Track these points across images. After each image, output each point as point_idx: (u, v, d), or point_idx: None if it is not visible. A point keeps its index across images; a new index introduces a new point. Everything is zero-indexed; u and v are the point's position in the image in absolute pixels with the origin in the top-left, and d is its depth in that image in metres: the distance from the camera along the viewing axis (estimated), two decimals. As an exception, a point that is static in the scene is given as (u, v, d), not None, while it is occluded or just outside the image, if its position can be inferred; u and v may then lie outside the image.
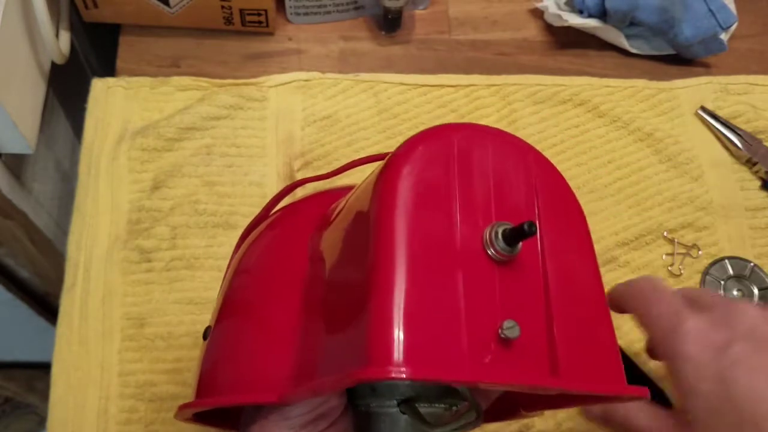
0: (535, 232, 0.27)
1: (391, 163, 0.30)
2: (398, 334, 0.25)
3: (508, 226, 0.28)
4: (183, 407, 0.36)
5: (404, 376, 0.24)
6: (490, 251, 0.28)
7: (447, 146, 0.30)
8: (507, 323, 0.27)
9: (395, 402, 0.33)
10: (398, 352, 0.25)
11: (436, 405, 0.33)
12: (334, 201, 0.38)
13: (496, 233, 0.28)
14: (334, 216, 0.36)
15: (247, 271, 0.39)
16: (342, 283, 0.31)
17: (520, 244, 0.29)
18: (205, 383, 0.36)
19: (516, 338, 0.27)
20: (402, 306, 0.26)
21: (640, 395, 0.30)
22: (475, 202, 0.29)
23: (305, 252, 0.36)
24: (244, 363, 0.35)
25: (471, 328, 0.27)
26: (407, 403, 0.33)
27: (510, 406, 0.40)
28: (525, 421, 0.54)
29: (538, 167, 0.32)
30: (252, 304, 0.37)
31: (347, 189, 0.40)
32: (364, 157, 0.46)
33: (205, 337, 0.38)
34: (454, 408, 0.33)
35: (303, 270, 0.35)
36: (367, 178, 0.33)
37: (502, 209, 0.30)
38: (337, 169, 0.46)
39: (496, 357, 0.26)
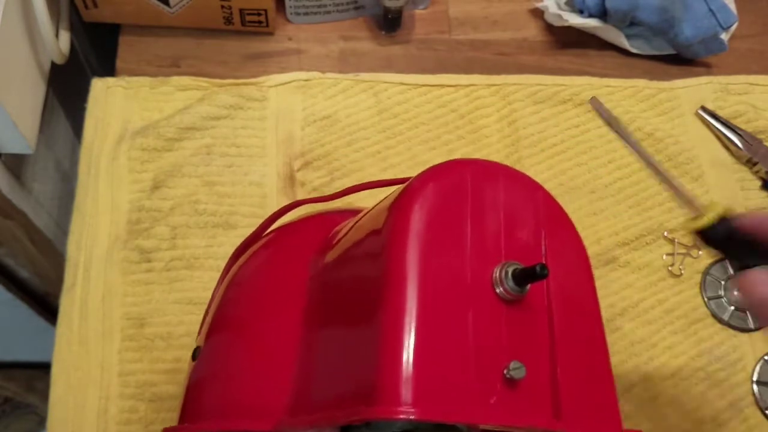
0: (547, 275, 0.27)
1: (405, 196, 0.30)
2: (407, 374, 0.25)
3: (518, 267, 0.28)
4: (169, 431, 0.35)
5: (413, 417, 0.24)
6: (499, 290, 0.28)
7: (460, 182, 0.30)
8: (513, 364, 0.27)
9: None
10: (407, 392, 0.24)
11: None
12: (335, 224, 0.38)
13: (506, 273, 0.28)
14: (337, 241, 0.35)
15: (242, 292, 0.38)
16: (347, 314, 0.31)
17: (529, 285, 0.29)
18: (193, 406, 0.35)
19: (521, 379, 0.27)
20: (412, 344, 0.25)
21: None
22: (485, 239, 0.29)
23: (305, 274, 0.35)
24: (237, 387, 0.34)
25: (478, 367, 0.26)
26: None
27: None
28: None
29: (545, 206, 0.32)
30: (247, 326, 0.36)
31: (347, 212, 0.39)
32: (364, 183, 0.45)
33: (194, 357, 0.37)
34: None
35: (302, 293, 0.34)
36: (375, 205, 0.33)
37: (512, 248, 0.30)
38: (337, 193, 0.46)
39: (502, 398, 0.26)
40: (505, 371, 0.27)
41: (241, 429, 0.33)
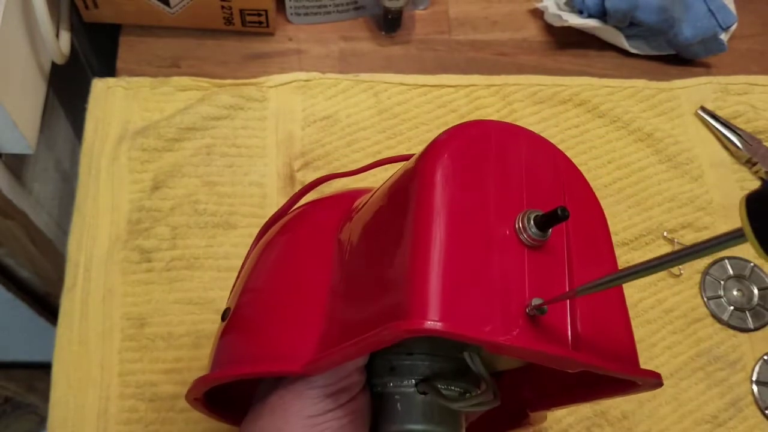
0: (568, 217, 0.28)
1: (434, 146, 0.32)
2: (435, 293, 0.27)
3: (540, 213, 0.30)
4: (200, 380, 0.36)
5: (440, 328, 0.26)
6: (522, 236, 0.30)
7: (485, 136, 0.32)
8: (535, 301, 0.28)
9: (412, 382, 0.34)
10: (434, 308, 0.26)
11: (452, 388, 0.34)
12: (358, 198, 0.40)
13: (529, 219, 0.30)
14: (365, 203, 0.37)
15: (274, 255, 0.40)
16: (374, 258, 0.32)
17: (550, 230, 0.30)
18: (223, 359, 0.37)
19: (542, 316, 0.28)
20: (440, 273, 0.27)
21: (654, 378, 0.31)
22: (508, 189, 0.31)
23: (332, 240, 0.37)
24: (268, 337, 0.35)
25: (502, 301, 0.28)
26: (426, 382, 0.34)
27: (515, 409, 0.40)
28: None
29: (565, 167, 0.34)
30: (279, 284, 0.37)
31: (369, 190, 0.41)
32: (389, 157, 0.48)
33: (224, 317, 0.38)
34: (468, 395, 0.35)
35: (330, 255, 0.36)
36: (403, 166, 0.35)
37: (533, 198, 0.31)
38: (363, 167, 0.49)
39: (523, 331, 0.28)
40: (527, 308, 0.28)
41: (272, 372, 0.34)
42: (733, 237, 0.22)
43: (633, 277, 0.26)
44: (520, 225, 0.30)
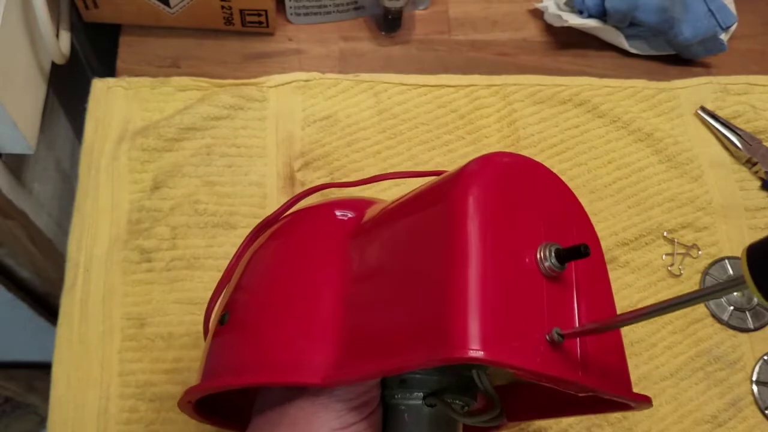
0: (589, 254, 0.30)
1: (464, 175, 0.34)
2: (475, 324, 0.28)
3: (559, 247, 0.31)
4: (200, 387, 0.36)
5: (482, 357, 0.27)
6: (542, 266, 0.31)
7: (509, 168, 0.35)
8: (556, 330, 0.30)
9: (421, 395, 0.35)
10: (475, 339, 0.28)
11: (456, 402, 0.35)
12: (363, 206, 0.41)
13: (550, 251, 0.31)
14: (377, 219, 0.38)
15: (276, 262, 0.40)
16: (402, 279, 0.34)
17: (567, 264, 0.32)
18: (226, 366, 0.36)
19: (560, 343, 0.30)
20: (478, 302, 0.29)
21: (645, 402, 0.33)
22: (529, 220, 0.33)
23: (338, 249, 0.38)
24: (276, 346, 0.35)
25: (528, 329, 0.30)
26: (436, 395, 0.35)
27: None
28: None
29: (571, 201, 0.37)
30: (282, 294, 0.37)
31: (369, 200, 0.42)
32: (391, 173, 0.49)
33: (222, 322, 0.38)
34: (466, 408, 0.36)
35: (336, 265, 0.37)
36: (421, 186, 0.36)
37: (549, 230, 0.33)
38: (362, 180, 0.50)
39: (546, 358, 0.30)
40: (547, 336, 0.30)
41: (288, 382, 0.34)
42: (736, 284, 0.24)
43: (651, 316, 0.28)
44: (541, 256, 0.31)
